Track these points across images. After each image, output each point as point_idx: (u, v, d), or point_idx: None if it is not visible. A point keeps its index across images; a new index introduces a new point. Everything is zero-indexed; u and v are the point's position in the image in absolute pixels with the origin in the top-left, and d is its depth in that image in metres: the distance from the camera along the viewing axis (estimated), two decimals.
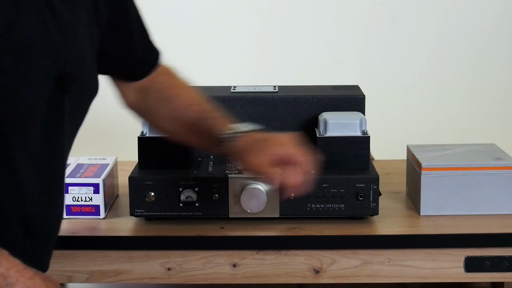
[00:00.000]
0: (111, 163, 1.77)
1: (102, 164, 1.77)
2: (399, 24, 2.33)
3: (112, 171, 1.75)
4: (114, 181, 1.78)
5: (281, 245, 1.58)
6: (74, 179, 1.67)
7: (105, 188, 1.67)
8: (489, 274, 1.58)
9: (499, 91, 2.35)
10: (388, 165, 2.02)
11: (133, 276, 1.59)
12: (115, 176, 1.79)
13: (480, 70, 2.35)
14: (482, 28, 2.33)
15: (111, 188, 1.74)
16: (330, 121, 1.66)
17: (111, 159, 1.80)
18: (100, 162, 1.78)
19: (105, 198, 1.67)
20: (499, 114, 2.37)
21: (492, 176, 1.66)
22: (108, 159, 1.80)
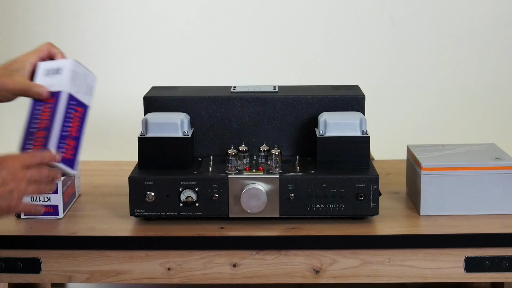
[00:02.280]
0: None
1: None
2: (399, 24, 2.33)
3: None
4: (75, 181, 1.78)
5: (281, 245, 1.58)
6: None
7: (64, 188, 1.67)
8: (489, 274, 1.58)
9: (499, 91, 2.35)
10: (388, 165, 2.02)
11: (133, 276, 1.59)
12: (76, 176, 1.79)
13: (480, 70, 2.35)
14: (482, 28, 2.33)
15: (71, 188, 1.74)
16: (330, 121, 1.66)
17: None
18: None
19: (64, 198, 1.67)
20: (499, 114, 2.37)
21: (492, 176, 1.66)
22: None
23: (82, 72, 1.48)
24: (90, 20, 2.39)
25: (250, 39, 2.36)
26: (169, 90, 1.83)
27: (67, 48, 2.42)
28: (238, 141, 1.74)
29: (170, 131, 1.66)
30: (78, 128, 1.44)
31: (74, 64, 1.47)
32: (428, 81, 2.36)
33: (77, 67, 1.47)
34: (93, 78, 1.50)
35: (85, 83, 1.47)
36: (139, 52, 2.39)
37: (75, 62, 1.47)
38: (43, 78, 1.45)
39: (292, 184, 1.60)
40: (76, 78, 1.45)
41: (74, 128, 1.42)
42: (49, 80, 1.44)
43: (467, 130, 2.36)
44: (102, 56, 2.41)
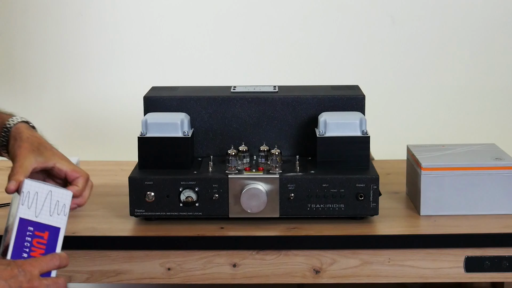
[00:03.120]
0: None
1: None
2: (399, 24, 2.33)
3: None
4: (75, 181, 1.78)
5: (281, 245, 1.58)
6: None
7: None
8: (489, 274, 1.58)
9: (499, 91, 2.35)
10: (388, 165, 2.02)
11: (133, 276, 1.59)
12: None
13: (480, 70, 2.35)
14: (482, 28, 2.33)
15: (71, 189, 1.73)
16: (330, 121, 1.66)
17: (73, 159, 1.79)
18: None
19: None
20: (499, 114, 2.37)
21: (492, 176, 1.66)
22: (70, 159, 1.79)
23: (44, 191, 1.34)
24: (90, 20, 2.39)
25: (250, 39, 2.36)
26: (169, 90, 1.83)
27: (67, 48, 2.43)
28: (238, 141, 1.74)
29: (170, 131, 1.66)
30: (44, 254, 1.32)
31: (28, 184, 1.33)
32: (428, 81, 2.36)
33: (34, 186, 1.33)
34: (65, 194, 1.36)
35: (50, 203, 1.34)
36: (139, 52, 2.39)
37: (30, 181, 1.33)
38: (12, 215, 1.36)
39: (292, 184, 1.60)
40: (34, 200, 1.32)
41: (37, 255, 1.31)
42: (15, 207, 1.34)
43: (467, 130, 2.36)
44: (102, 56, 2.41)
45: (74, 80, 2.46)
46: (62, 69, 2.39)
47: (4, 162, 2.11)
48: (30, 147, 1.40)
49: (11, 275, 1.25)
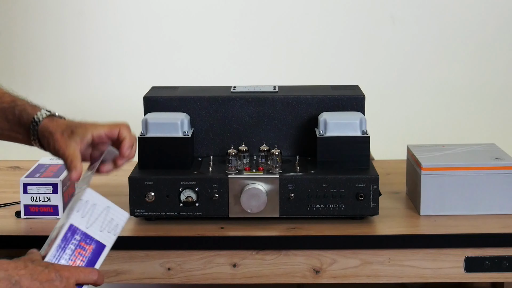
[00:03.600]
0: None
1: (63, 164, 1.76)
2: (399, 24, 2.33)
3: None
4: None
5: (281, 245, 1.58)
6: (33, 179, 1.67)
7: (64, 188, 1.67)
8: (489, 274, 1.58)
9: (499, 91, 2.35)
10: (388, 165, 2.02)
11: (133, 276, 1.59)
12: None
13: (480, 70, 2.35)
14: (482, 28, 2.33)
15: (71, 188, 1.74)
16: (330, 121, 1.66)
17: None
18: (61, 162, 1.78)
19: (64, 198, 1.67)
20: (499, 114, 2.37)
21: (492, 176, 1.66)
22: None
23: (101, 205, 1.33)
24: (90, 20, 2.39)
25: (250, 39, 2.36)
26: (169, 90, 1.83)
27: (67, 48, 2.43)
28: (238, 141, 1.74)
29: (170, 131, 1.66)
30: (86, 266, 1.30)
31: (89, 193, 1.32)
32: (428, 81, 2.36)
33: (93, 198, 1.32)
34: (121, 215, 1.34)
35: (105, 219, 1.33)
36: (139, 52, 2.39)
37: (92, 192, 1.32)
38: (64, 217, 1.36)
39: (292, 184, 1.60)
40: (90, 211, 1.32)
41: (76, 265, 1.29)
42: (65, 216, 1.34)
43: (467, 130, 2.36)
44: (102, 56, 2.41)
45: (74, 80, 2.47)
46: (62, 69, 2.39)
47: (4, 162, 2.11)
48: (63, 135, 1.41)
49: (47, 278, 1.23)
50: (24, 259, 1.24)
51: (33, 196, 1.66)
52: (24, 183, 1.66)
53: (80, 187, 1.39)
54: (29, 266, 1.23)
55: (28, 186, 1.66)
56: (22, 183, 1.67)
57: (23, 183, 1.66)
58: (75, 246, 1.30)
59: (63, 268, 1.26)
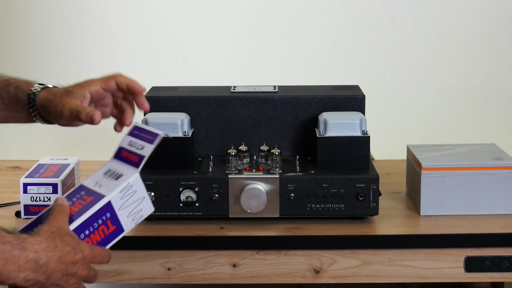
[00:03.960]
0: (72, 163, 1.77)
1: (63, 164, 1.77)
2: (399, 24, 2.33)
3: (72, 171, 1.75)
4: (75, 181, 1.78)
5: (281, 245, 1.58)
6: (33, 179, 1.67)
7: (64, 188, 1.67)
8: (489, 274, 1.58)
9: (499, 91, 2.35)
10: (388, 165, 2.02)
11: (133, 276, 1.59)
12: (76, 176, 1.79)
13: (480, 70, 2.35)
14: (482, 28, 2.33)
15: (71, 188, 1.74)
16: (330, 121, 1.66)
17: (73, 159, 1.80)
18: (61, 162, 1.78)
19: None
20: (499, 114, 2.37)
21: (492, 176, 1.66)
22: (70, 159, 1.80)
23: (139, 194, 1.35)
24: (90, 20, 2.39)
25: (250, 39, 2.36)
26: (169, 90, 1.83)
27: (67, 48, 2.42)
28: (238, 141, 1.74)
29: (170, 131, 1.66)
30: (99, 242, 1.32)
31: (136, 180, 1.35)
32: (428, 81, 2.36)
33: (138, 186, 1.35)
34: (149, 209, 1.37)
35: (136, 207, 1.35)
36: (139, 52, 2.39)
37: (139, 179, 1.35)
38: (101, 176, 1.37)
39: (292, 184, 1.60)
40: (129, 196, 1.34)
41: (93, 241, 1.31)
42: (104, 180, 1.35)
43: (467, 130, 2.36)
44: (102, 56, 2.41)
45: (74, 80, 2.46)
46: (62, 69, 2.39)
47: (4, 162, 2.11)
48: (61, 97, 1.44)
49: (72, 260, 1.24)
50: (51, 235, 1.23)
51: (33, 196, 1.66)
52: (24, 183, 1.66)
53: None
54: (59, 247, 1.23)
55: (28, 186, 1.66)
56: (22, 183, 1.67)
57: (23, 183, 1.66)
58: (102, 222, 1.32)
59: (85, 249, 1.27)
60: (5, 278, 1.18)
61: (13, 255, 1.18)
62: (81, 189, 1.36)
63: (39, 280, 1.21)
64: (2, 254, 1.17)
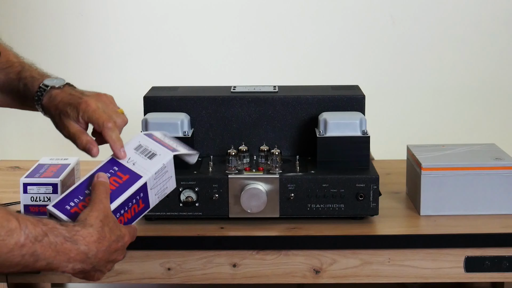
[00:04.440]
0: (72, 163, 1.77)
1: (63, 164, 1.76)
2: (399, 24, 2.33)
3: (72, 171, 1.75)
4: (75, 181, 1.78)
5: (281, 245, 1.58)
6: (33, 179, 1.67)
7: (64, 188, 1.67)
8: (489, 274, 1.58)
9: (500, 91, 2.36)
10: (388, 165, 2.02)
11: (133, 276, 1.59)
12: (76, 176, 1.79)
13: (480, 70, 2.35)
14: (482, 28, 2.33)
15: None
16: (330, 121, 1.66)
17: (73, 159, 1.80)
18: (61, 162, 1.78)
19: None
20: (499, 114, 2.37)
21: (492, 176, 1.66)
22: (70, 159, 1.80)
23: (169, 173, 1.39)
24: (90, 20, 2.39)
25: (250, 39, 2.36)
26: (169, 90, 1.83)
27: (68, 48, 2.43)
28: (238, 141, 1.74)
29: (170, 131, 1.66)
30: (129, 219, 1.35)
31: (170, 161, 1.38)
32: (428, 81, 2.36)
33: (170, 166, 1.38)
34: (173, 185, 1.42)
35: (163, 185, 1.39)
36: (139, 52, 2.39)
37: (172, 161, 1.38)
38: (132, 150, 1.38)
39: (292, 184, 1.60)
40: (161, 176, 1.37)
41: (124, 219, 1.35)
42: (137, 157, 1.37)
43: (467, 130, 2.36)
44: (102, 56, 2.41)
45: (74, 80, 2.46)
46: (62, 69, 2.39)
47: (4, 162, 2.11)
48: (62, 116, 1.45)
49: (116, 248, 1.29)
50: (102, 225, 1.26)
51: (33, 196, 1.66)
52: (24, 183, 1.66)
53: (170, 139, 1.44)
54: (107, 237, 1.26)
55: (28, 186, 1.66)
56: (22, 183, 1.66)
57: (23, 183, 1.66)
58: (135, 201, 1.35)
59: (125, 236, 1.31)
60: (54, 267, 1.22)
61: (64, 248, 1.21)
62: (113, 164, 1.37)
63: (85, 268, 1.25)
64: (54, 246, 1.20)
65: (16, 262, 1.18)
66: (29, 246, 1.18)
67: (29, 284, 2.11)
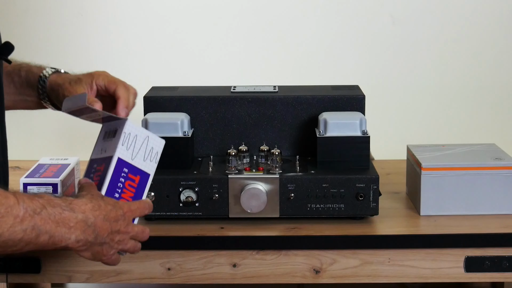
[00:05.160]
0: (72, 163, 1.77)
1: (63, 164, 1.77)
2: (399, 24, 2.33)
3: (72, 171, 1.75)
4: (76, 181, 1.78)
5: (281, 245, 1.58)
6: (33, 179, 1.67)
7: (64, 188, 1.67)
8: (489, 274, 1.58)
9: (499, 91, 2.35)
10: (388, 165, 2.02)
11: (133, 276, 1.59)
12: (76, 176, 1.79)
13: (480, 70, 2.35)
14: (482, 28, 2.33)
15: (71, 188, 1.74)
16: (330, 121, 1.66)
17: (73, 159, 1.80)
18: (61, 162, 1.79)
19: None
20: (499, 114, 2.37)
21: (492, 176, 1.66)
22: (70, 159, 1.80)
23: (142, 136, 1.37)
24: (90, 20, 2.39)
25: (250, 39, 2.36)
26: (169, 90, 1.83)
27: (68, 48, 2.42)
28: (238, 141, 1.74)
29: (170, 131, 1.66)
30: (133, 197, 1.35)
31: (130, 126, 1.36)
32: (428, 81, 2.36)
33: (134, 129, 1.36)
34: (159, 142, 1.40)
35: (146, 148, 1.37)
36: (139, 52, 2.39)
37: (131, 124, 1.36)
38: (102, 142, 1.38)
39: (292, 184, 1.60)
40: (132, 143, 1.35)
41: (127, 198, 1.34)
42: (106, 144, 1.36)
43: (467, 130, 2.36)
44: (102, 56, 2.41)
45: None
46: (62, 68, 2.39)
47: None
48: (70, 84, 1.49)
49: (115, 217, 1.28)
50: (92, 197, 1.27)
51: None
52: (24, 183, 1.66)
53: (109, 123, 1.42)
54: (102, 206, 1.26)
55: (28, 186, 1.66)
56: (22, 183, 1.67)
57: (23, 183, 1.66)
58: (124, 179, 1.34)
59: (124, 206, 1.30)
60: (57, 241, 1.21)
61: (63, 217, 1.21)
62: (92, 163, 1.38)
63: (88, 240, 1.24)
64: (53, 217, 1.20)
65: (19, 239, 1.18)
66: (28, 219, 1.18)
67: (29, 284, 2.11)
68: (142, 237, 1.34)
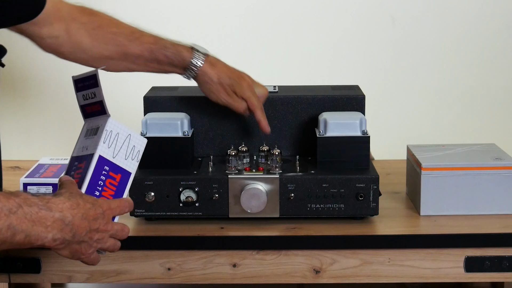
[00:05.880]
0: None
1: (63, 164, 1.77)
2: (399, 24, 2.33)
3: None
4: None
5: (281, 245, 1.58)
6: (33, 179, 1.67)
7: None
8: (489, 274, 1.58)
9: (499, 91, 2.35)
10: (388, 165, 2.02)
11: (133, 276, 1.59)
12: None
13: (480, 70, 2.35)
14: (482, 28, 2.33)
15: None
16: (330, 121, 1.66)
17: None
18: (61, 162, 1.78)
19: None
20: (499, 114, 2.37)
21: (492, 176, 1.66)
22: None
23: (123, 134, 1.36)
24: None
25: (250, 39, 2.36)
26: (169, 90, 1.83)
27: None
28: (238, 141, 1.74)
29: (170, 131, 1.66)
30: (114, 196, 1.34)
31: (112, 123, 1.35)
32: (428, 81, 2.36)
33: (116, 127, 1.35)
34: (141, 141, 1.39)
35: (127, 147, 1.36)
36: None
37: (114, 121, 1.35)
38: (84, 140, 1.37)
39: (292, 184, 1.60)
40: (114, 141, 1.34)
41: (107, 196, 1.33)
42: (87, 142, 1.35)
43: (467, 130, 2.36)
44: None
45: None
46: (62, 69, 2.39)
47: (4, 162, 2.11)
48: (225, 91, 1.68)
49: (94, 216, 1.27)
50: (71, 195, 1.26)
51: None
52: (24, 183, 1.66)
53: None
54: (80, 204, 1.25)
55: (28, 186, 1.66)
56: (22, 183, 1.67)
57: (23, 183, 1.66)
58: (105, 177, 1.33)
59: (104, 204, 1.29)
60: (33, 240, 1.20)
61: (40, 217, 1.20)
62: (73, 161, 1.37)
63: (65, 238, 1.23)
64: (30, 216, 1.19)
65: None
66: (4, 219, 1.16)
67: (30, 284, 2.11)
68: (122, 235, 1.33)
